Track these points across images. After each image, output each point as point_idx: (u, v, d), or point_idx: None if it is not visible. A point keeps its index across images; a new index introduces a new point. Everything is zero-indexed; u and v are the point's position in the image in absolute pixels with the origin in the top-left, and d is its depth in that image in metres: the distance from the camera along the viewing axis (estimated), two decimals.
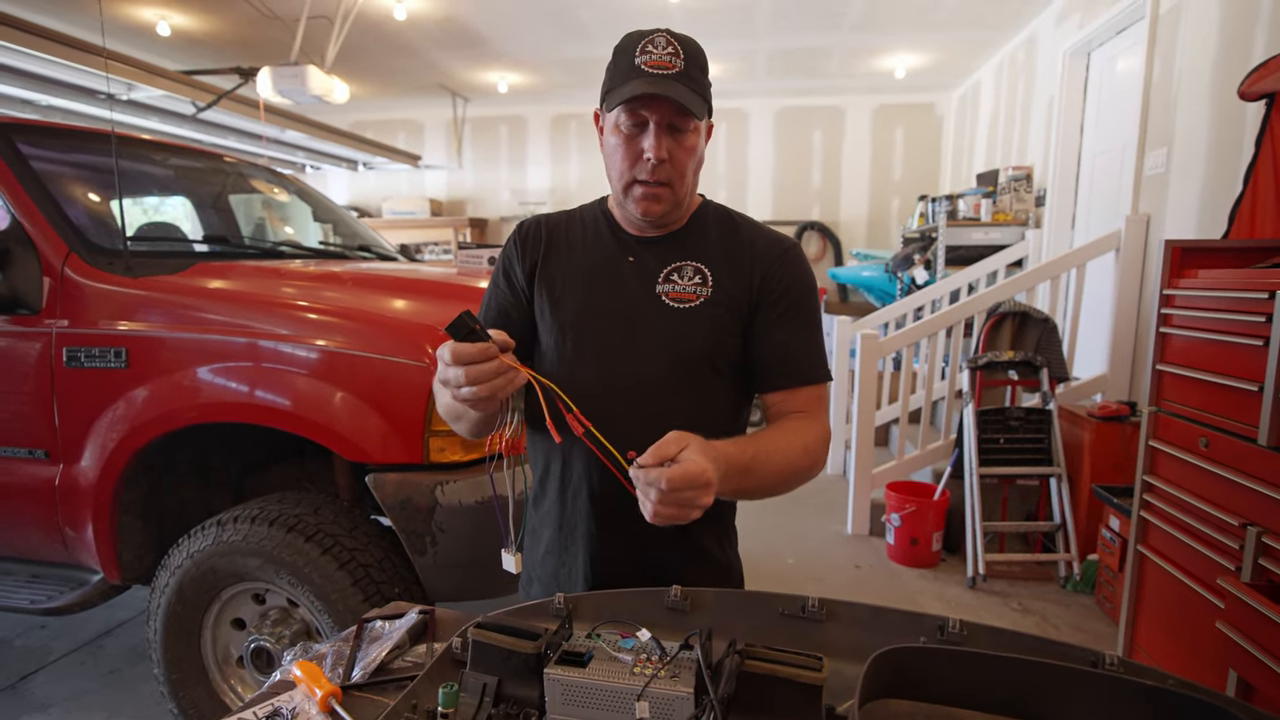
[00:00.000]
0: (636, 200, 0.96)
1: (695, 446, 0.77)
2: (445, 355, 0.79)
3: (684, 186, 0.97)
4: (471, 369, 0.77)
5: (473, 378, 0.78)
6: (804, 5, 4.47)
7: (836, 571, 3.04)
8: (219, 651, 1.78)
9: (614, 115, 0.93)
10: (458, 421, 0.97)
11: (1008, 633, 0.74)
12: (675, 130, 0.93)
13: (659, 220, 0.99)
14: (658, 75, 0.90)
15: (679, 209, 1.00)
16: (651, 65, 0.90)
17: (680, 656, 0.70)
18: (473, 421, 0.95)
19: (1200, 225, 2.77)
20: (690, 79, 0.92)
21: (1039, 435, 2.95)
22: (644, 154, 0.92)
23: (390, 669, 0.84)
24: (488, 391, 0.78)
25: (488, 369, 0.78)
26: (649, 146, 0.92)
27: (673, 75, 0.90)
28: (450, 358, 0.78)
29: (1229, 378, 1.62)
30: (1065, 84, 4.08)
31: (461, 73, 6.04)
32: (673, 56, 0.91)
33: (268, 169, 2.83)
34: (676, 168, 0.94)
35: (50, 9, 4.38)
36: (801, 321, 1.01)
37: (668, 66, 0.90)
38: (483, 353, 0.78)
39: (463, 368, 0.78)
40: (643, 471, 0.75)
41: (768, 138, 6.95)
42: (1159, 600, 1.90)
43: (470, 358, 0.77)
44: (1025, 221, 4.41)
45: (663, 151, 0.92)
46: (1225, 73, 2.65)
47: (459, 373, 0.78)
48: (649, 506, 0.75)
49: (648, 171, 0.93)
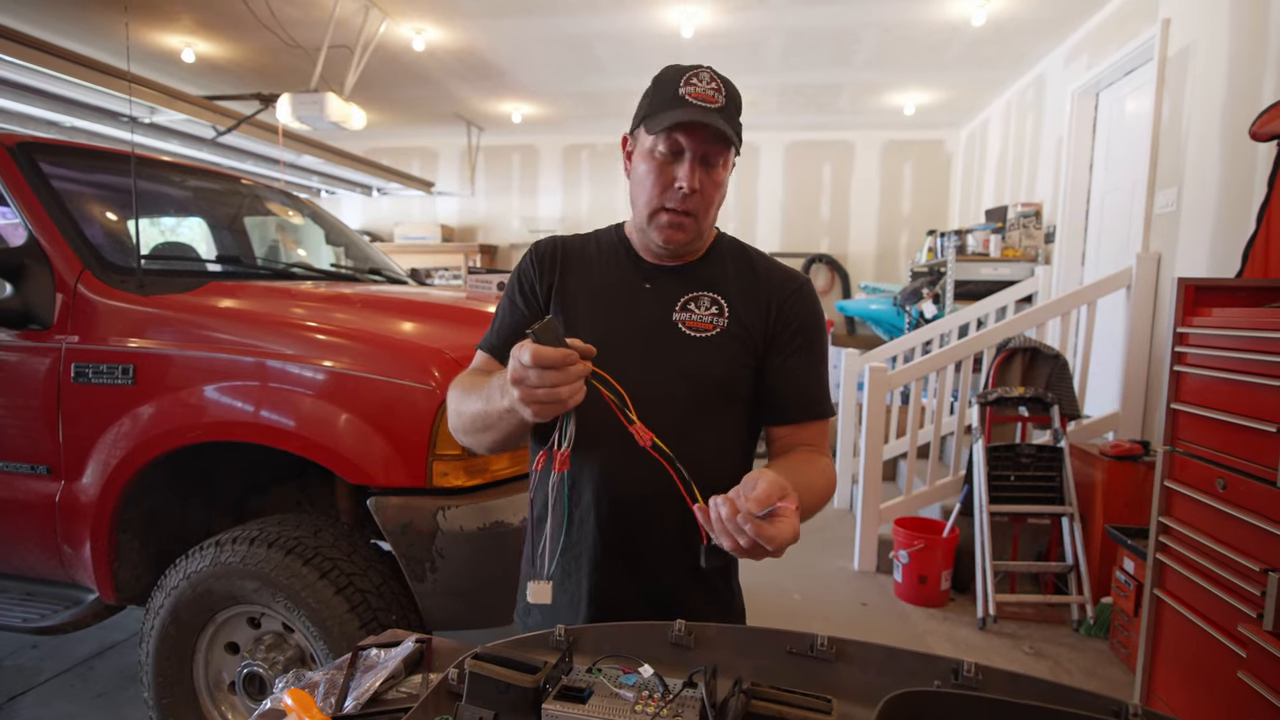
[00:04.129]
0: (660, 228, 0.96)
1: (793, 503, 0.75)
2: (525, 357, 0.77)
3: (707, 219, 0.98)
4: (555, 373, 0.77)
5: (555, 380, 0.77)
6: (815, 42, 4.55)
7: (842, 609, 2.97)
8: (211, 676, 1.74)
9: (650, 141, 0.94)
10: (483, 434, 0.94)
11: (1026, 678, 0.71)
12: (707, 164, 0.94)
13: (679, 249, 1.00)
14: (701, 106, 0.92)
15: (699, 240, 1.00)
16: (695, 97, 0.92)
17: (684, 695, 0.67)
18: (505, 434, 0.92)
19: (1212, 264, 2.76)
20: (727, 114, 0.93)
21: (1050, 473, 2.90)
22: (676, 182, 0.93)
23: (384, 699, 0.82)
24: (568, 394, 0.78)
25: (571, 373, 0.77)
26: (683, 175, 0.93)
27: (715, 109, 0.92)
28: (531, 359, 0.76)
29: (1246, 418, 1.59)
30: (1074, 123, 4.12)
31: (476, 103, 6.15)
32: (715, 92, 0.93)
33: (283, 192, 2.87)
34: (704, 199, 0.95)
35: (80, 35, 4.51)
36: (813, 357, 1.03)
37: (710, 100, 0.92)
38: (565, 358, 0.77)
39: (545, 370, 0.76)
40: (753, 525, 0.72)
41: (777, 170, 7.03)
42: (1177, 647, 1.84)
43: (553, 361, 0.76)
44: (1034, 258, 4.41)
45: (695, 182, 0.93)
46: (1235, 113, 2.66)
47: (541, 374, 0.77)
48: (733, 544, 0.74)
49: (678, 200, 0.94)
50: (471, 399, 0.93)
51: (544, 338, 0.77)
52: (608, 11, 4.12)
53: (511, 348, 0.79)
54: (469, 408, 0.94)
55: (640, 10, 4.09)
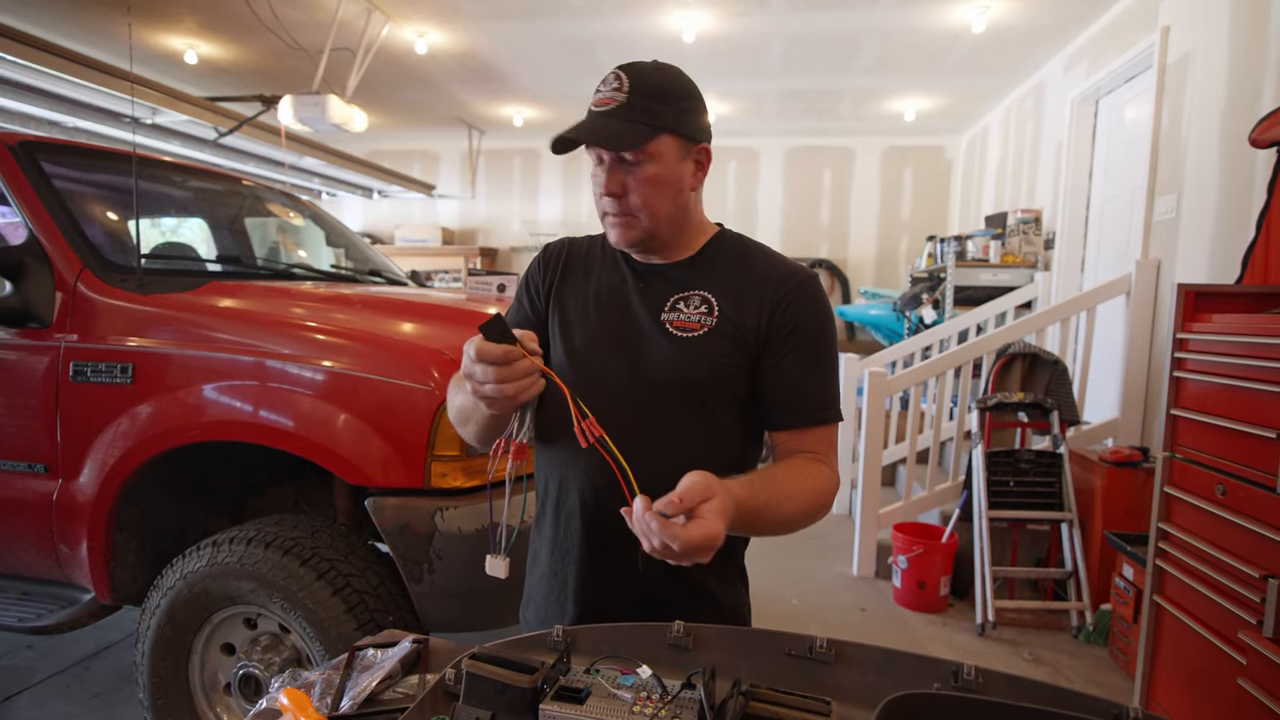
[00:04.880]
0: (609, 230, 0.98)
1: (716, 505, 0.73)
2: (471, 351, 0.79)
3: (656, 215, 0.95)
4: (500, 369, 0.79)
5: (500, 376, 0.79)
6: (816, 48, 4.56)
7: (841, 614, 2.97)
8: (207, 677, 1.74)
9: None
10: (465, 425, 0.97)
11: (1026, 681, 0.71)
12: (626, 164, 0.93)
13: (637, 247, 1.00)
14: (594, 113, 0.92)
15: (657, 237, 0.98)
16: (595, 104, 0.93)
17: (682, 696, 0.67)
18: (481, 425, 0.94)
19: (1211, 270, 2.76)
20: (631, 110, 0.90)
21: (1050, 479, 2.90)
22: (600, 189, 0.95)
23: (380, 700, 0.81)
24: (513, 391, 0.80)
25: (516, 369, 0.79)
26: (600, 182, 0.95)
27: (609, 110, 0.91)
28: (475, 355, 0.79)
29: (1245, 424, 1.59)
30: (1074, 130, 4.13)
31: (478, 106, 6.17)
32: (615, 92, 0.92)
33: (284, 193, 2.87)
34: (640, 199, 0.94)
35: (83, 36, 4.52)
36: (812, 358, 0.97)
37: (608, 102, 0.92)
38: (506, 354, 0.78)
39: (491, 366, 0.79)
40: (658, 522, 0.70)
41: (777, 176, 7.04)
42: (1176, 654, 1.84)
43: (495, 358, 0.78)
44: (1034, 264, 4.42)
45: (614, 186, 0.93)
46: (1234, 120, 2.67)
47: (486, 370, 0.79)
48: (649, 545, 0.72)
49: (609, 205, 0.95)
50: (458, 390, 0.97)
51: (490, 334, 0.79)
52: (609, 16, 4.13)
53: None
54: (455, 399, 0.98)
55: (642, 15, 4.11)
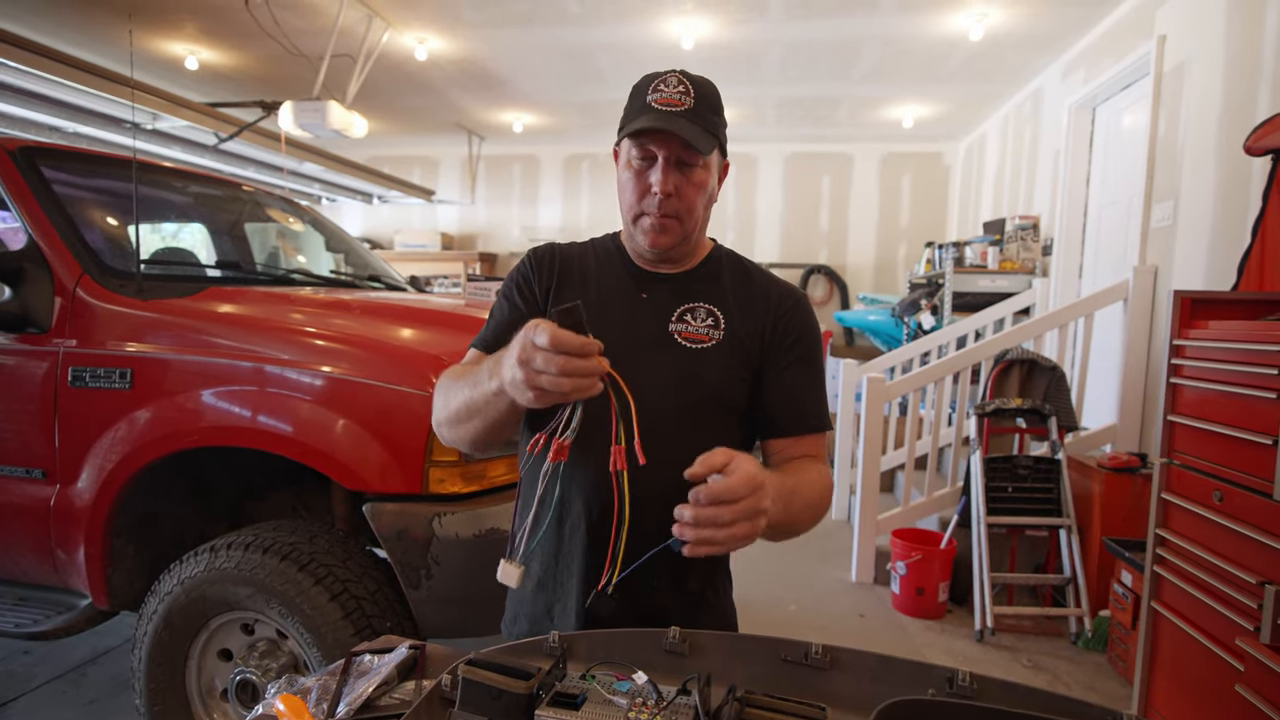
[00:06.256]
0: (644, 232, 0.97)
1: (742, 455, 0.76)
2: (542, 339, 0.72)
3: (693, 221, 0.98)
4: (568, 360, 0.72)
5: (566, 369, 0.72)
6: (814, 55, 4.58)
7: (839, 620, 2.96)
8: (203, 683, 1.73)
9: (625, 149, 0.96)
10: (463, 424, 0.91)
11: (1022, 688, 0.71)
12: (683, 165, 0.94)
13: (667, 253, 1.00)
14: (665, 112, 0.92)
15: (688, 243, 1.01)
16: (661, 103, 0.93)
17: (677, 702, 0.67)
18: (488, 424, 0.89)
19: (1208, 277, 2.77)
20: (699, 116, 0.94)
21: (1048, 485, 2.90)
22: (651, 188, 0.94)
23: (376, 705, 0.81)
24: (570, 386, 0.73)
25: (585, 365, 0.73)
26: (656, 181, 0.94)
27: (679, 112, 0.93)
28: (549, 342, 0.72)
29: (1243, 430, 1.60)
30: (1071, 137, 4.15)
31: (478, 112, 6.19)
32: (683, 95, 0.94)
33: (284, 199, 2.87)
34: (685, 203, 0.96)
35: (84, 42, 4.54)
36: (810, 371, 1.03)
37: (676, 104, 0.93)
38: (585, 346, 0.73)
39: (559, 355, 0.72)
40: (702, 489, 0.72)
41: (776, 182, 7.06)
42: (1175, 660, 1.83)
43: (573, 348, 0.72)
44: (1032, 270, 4.43)
45: (669, 186, 0.94)
46: (1230, 128, 2.68)
47: (550, 359, 0.72)
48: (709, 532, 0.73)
49: (655, 205, 0.95)
50: (459, 386, 0.91)
51: (567, 321, 0.73)
52: (609, 23, 4.15)
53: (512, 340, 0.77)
54: (454, 395, 0.91)
55: (641, 22, 4.12)
